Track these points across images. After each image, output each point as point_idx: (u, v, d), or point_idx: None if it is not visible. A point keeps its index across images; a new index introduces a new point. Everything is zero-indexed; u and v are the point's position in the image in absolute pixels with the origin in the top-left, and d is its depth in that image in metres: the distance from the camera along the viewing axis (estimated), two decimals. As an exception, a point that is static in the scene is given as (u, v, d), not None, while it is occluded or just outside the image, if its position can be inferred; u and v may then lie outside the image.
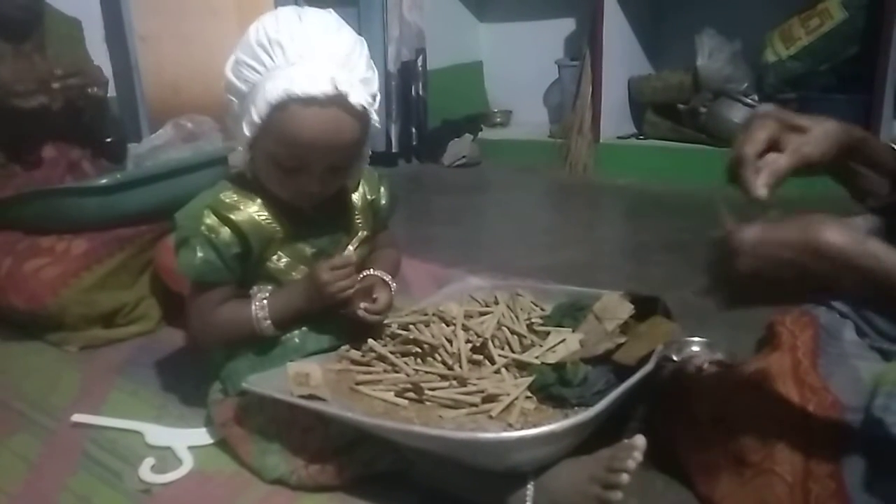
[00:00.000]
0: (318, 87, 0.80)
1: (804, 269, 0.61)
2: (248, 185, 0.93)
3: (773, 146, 0.69)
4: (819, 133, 0.70)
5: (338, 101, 0.82)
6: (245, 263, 0.91)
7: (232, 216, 0.89)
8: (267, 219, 0.91)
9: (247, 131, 0.85)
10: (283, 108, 0.81)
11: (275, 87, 0.80)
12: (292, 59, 0.81)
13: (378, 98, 0.89)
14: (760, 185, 0.67)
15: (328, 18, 0.86)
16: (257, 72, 0.83)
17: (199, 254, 0.87)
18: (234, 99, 0.87)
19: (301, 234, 0.95)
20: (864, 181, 0.75)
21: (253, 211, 0.91)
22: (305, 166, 0.86)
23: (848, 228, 0.61)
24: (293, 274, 0.95)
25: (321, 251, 0.96)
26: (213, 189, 0.93)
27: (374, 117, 0.88)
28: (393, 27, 3.21)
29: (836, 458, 0.68)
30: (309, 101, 0.80)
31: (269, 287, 0.94)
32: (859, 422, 0.69)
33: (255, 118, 0.82)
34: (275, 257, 0.94)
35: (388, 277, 1.00)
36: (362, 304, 0.94)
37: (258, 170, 0.90)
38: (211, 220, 0.88)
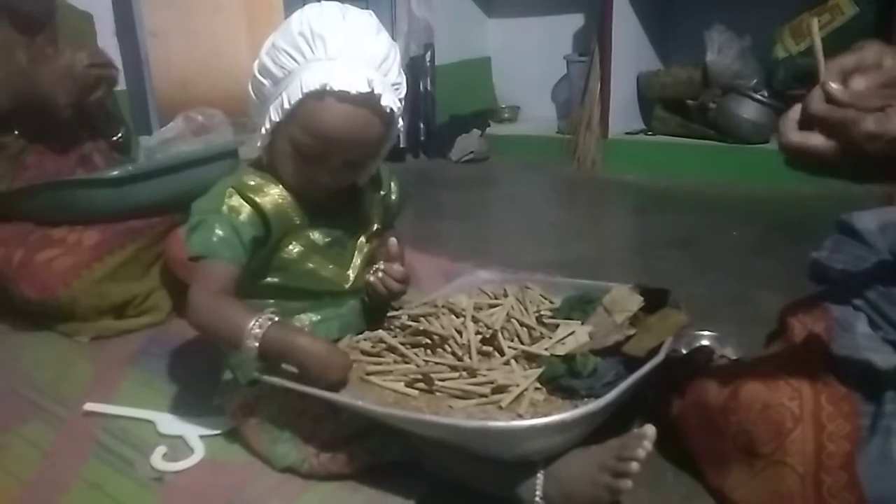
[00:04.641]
0: (355, 84, 0.82)
1: None
2: (267, 171, 0.93)
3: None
4: None
5: (370, 101, 0.84)
6: (260, 249, 0.91)
7: (256, 198, 0.89)
8: (287, 205, 0.91)
9: (274, 115, 0.86)
10: (318, 98, 0.82)
11: (313, 78, 0.82)
12: (332, 55, 0.83)
13: (402, 103, 0.91)
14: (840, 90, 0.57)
15: (370, 21, 0.87)
16: (295, 60, 0.84)
17: (219, 232, 0.85)
18: (265, 82, 0.87)
19: (315, 222, 0.95)
20: None
21: (276, 194, 0.91)
22: (324, 158, 0.87)
23: None
24: (306, 263, 0.95)
25: (335, 241, 0.97)
26: (235, 173, 0.93)
27: (399, 122, 0.91)
28: (401, 22, 3.22)
29: (849, 450, 0.68)
30: (343, 97, 0.82)
31: (273, 310, 0.87)
32: (871, 414, 0.68)
33: (286, 103, 0.84)
34: (289, 246, 0.94)
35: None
36: (382, 270, 0.97)
37: (274, 155, 0.90)
38: (235, 200, 0.88)
